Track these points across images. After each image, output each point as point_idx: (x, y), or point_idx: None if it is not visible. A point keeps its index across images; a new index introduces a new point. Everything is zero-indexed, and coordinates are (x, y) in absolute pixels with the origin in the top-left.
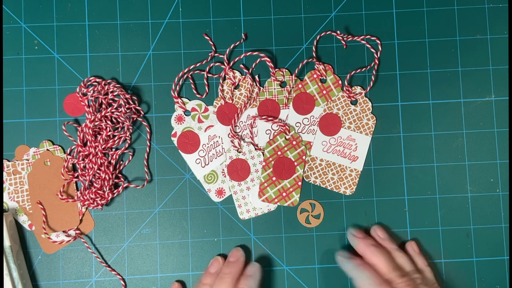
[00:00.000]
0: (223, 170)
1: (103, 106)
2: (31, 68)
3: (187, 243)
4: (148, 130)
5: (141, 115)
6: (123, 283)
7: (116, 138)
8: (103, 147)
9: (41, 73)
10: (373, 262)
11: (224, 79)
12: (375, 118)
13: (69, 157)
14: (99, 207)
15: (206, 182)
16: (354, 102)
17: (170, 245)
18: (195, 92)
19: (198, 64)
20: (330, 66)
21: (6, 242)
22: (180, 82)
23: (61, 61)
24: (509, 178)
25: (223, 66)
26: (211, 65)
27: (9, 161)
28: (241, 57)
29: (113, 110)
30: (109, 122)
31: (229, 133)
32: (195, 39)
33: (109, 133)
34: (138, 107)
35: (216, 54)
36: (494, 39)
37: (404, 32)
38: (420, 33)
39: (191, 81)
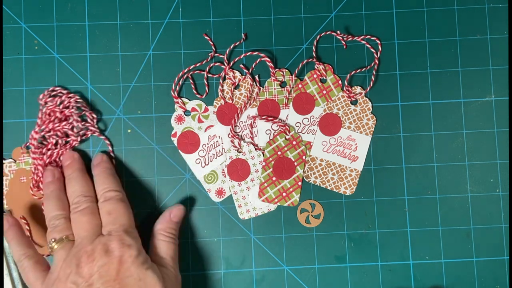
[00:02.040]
0: (223, 170)
1: (56, 120)
2: (31, 68)
3: (187, 243)
4: (109, 143)
5: (98, 133)
6: None
7: (60, 150)
8: (47, 161)
9: (41, 73)
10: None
11: (224, 79)
12: (375, 118)
13: (34, 173)
14: None
15: (206, 182)
16: (354, 102)
17: None
18: (195, 92)
19: (198, 64)
20: (330, 66)
21: (6, 242)
22: (180, 82)
23: (61, 61)
24: (509, 178)
25: (223, 66)
26: (211, 65)
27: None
28: (241, 57)
29: (64, 127)
30: (54, 136)
31: (229, 133)
32: (195, 39)
33: (50, 147)
34: (93, 127)
35: (216, 54)
36: (494, 39)
37: (404, 32)
38: (420, 33)
39: (191, 81)
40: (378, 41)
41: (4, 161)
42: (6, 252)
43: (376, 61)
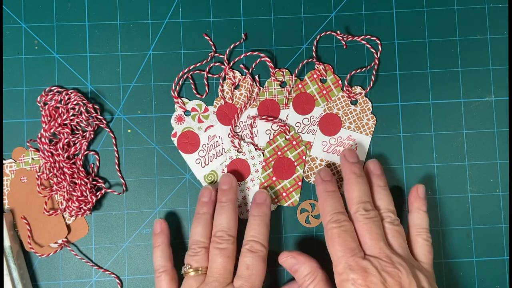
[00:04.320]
0: (223, 170)
1: (62, 114)
2: (31, 68)
3: (187, 243)
4: (113, 136)
5: (104, 124)
6: (118, 281)
7: (77, 144)
8: (65, 156)
9: (41, 73)
10: (347, 189)
11: (224, 79)
12: (375, 118)
13: (39, 174)
14: (88, 212)
15: (206, 182)
16: (354, 102)
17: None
18: (195, 92)
19: (198, 64)
20: (330, 66)
21: (6, 242)
22: (180, 82)
23: (61, 61)
24: (509, 178)
25: (223, 66)
26: (211, 65)
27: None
28: (241, 57)
29: (71, 117)
30: (67, 130)
31: (229, 133)
32: (195, 39)
33: (66, 140)
34: (99, 116)
35: (216, 54)
36: (494, 39)
37: (404, 32)
38: (420, 33)
39: (191, 81)
40: (378, 41)
41: (4, 161)
42: (6, 252)
43: (376, 61)
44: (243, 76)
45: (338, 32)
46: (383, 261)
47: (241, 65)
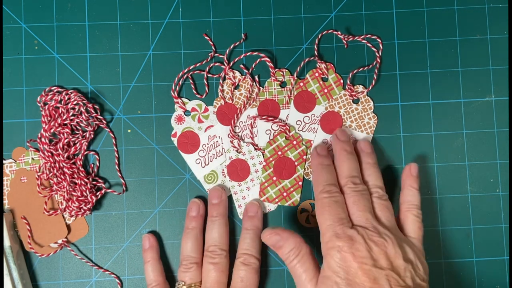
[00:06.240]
0: (223, 170)
1: (62, 114)
2: (31, 68)
3: None
4: (113, 136)
5: (104, 124)
6: (118, 281)
7: (77, 144)
8: (65, 156)
9: (41, 73)
10: (338, 165)
11: (224, 79)
12: (376, 118)
13: (39, 174)
14: (88, 212)
15: (206, 182)
16: (356, 101)
17: (170, 245)
18: (195, 92)
19: (198, 64)
20: (332, 65)
21: (6, 242)
22: (180, 82)
23: (61, 61)
24: (509, 178)
25: (223, 66)
26: (211, 65)
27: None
28: (241, 57)
29: (71, 117)
30: (67, 130)
31: (229, 133)
32: (195, 39)
33: (66, 140)
34: (99, 116)
35: (216, 54)
36: (494, 39)
37: (404, 32)
38: (420, 33)
39: (191, 81)
40: (379, 40)
41: (4, 161)
42: (6, 252)
43: (378, 60)
44: (243, 76)
45: (339, 32)
46: (369, 231)
47: (241, 65)
